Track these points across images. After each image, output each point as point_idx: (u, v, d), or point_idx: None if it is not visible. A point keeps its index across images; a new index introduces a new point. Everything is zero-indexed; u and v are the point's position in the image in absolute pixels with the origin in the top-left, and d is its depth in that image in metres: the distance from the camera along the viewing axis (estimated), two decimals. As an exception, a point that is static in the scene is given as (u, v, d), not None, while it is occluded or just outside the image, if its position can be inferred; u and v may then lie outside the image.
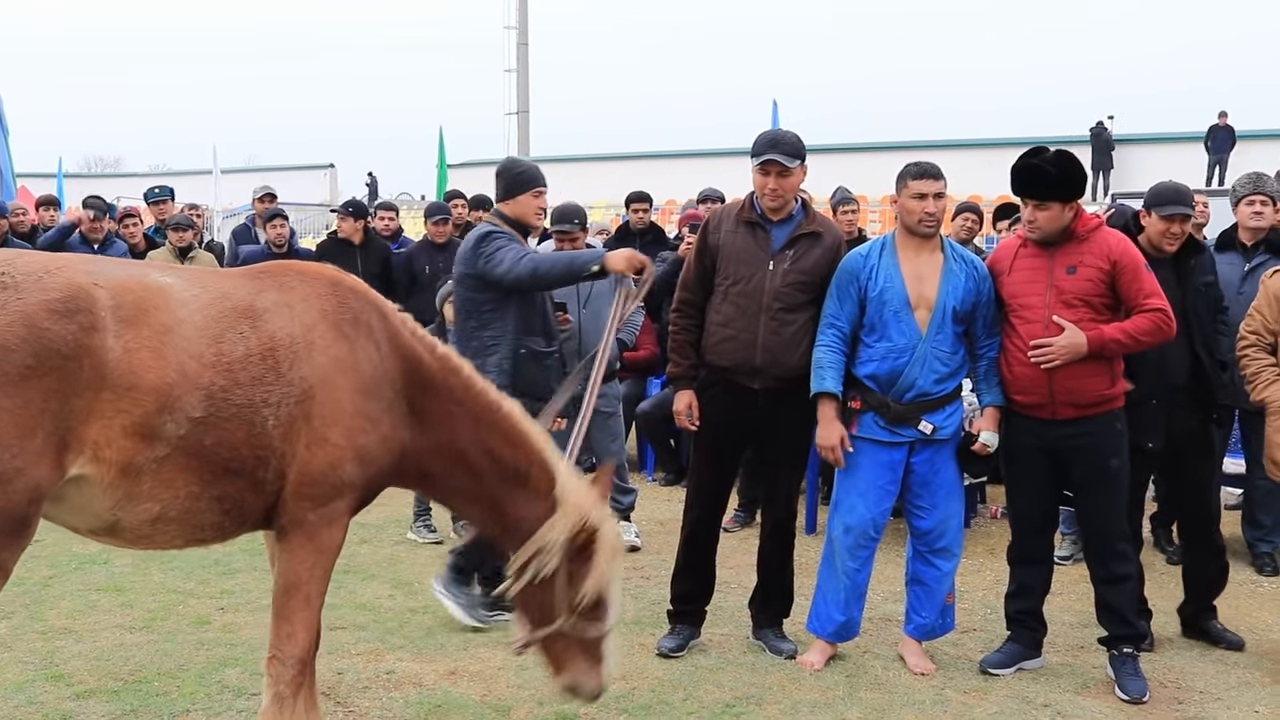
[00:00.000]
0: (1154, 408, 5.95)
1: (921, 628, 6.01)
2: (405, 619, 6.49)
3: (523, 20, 54.27)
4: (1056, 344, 5.51)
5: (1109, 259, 5.58)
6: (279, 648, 4.12)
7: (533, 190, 6.33)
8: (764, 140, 5.93)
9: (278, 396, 3.91)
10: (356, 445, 4.07)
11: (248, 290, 4.03)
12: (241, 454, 3.88)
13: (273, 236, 11.60)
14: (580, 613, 4.33)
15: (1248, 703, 5.61)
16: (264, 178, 38.32)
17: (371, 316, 4.22)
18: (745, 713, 5.36)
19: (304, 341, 4.00)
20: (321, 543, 4.11)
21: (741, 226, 5.94)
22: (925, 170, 5.76)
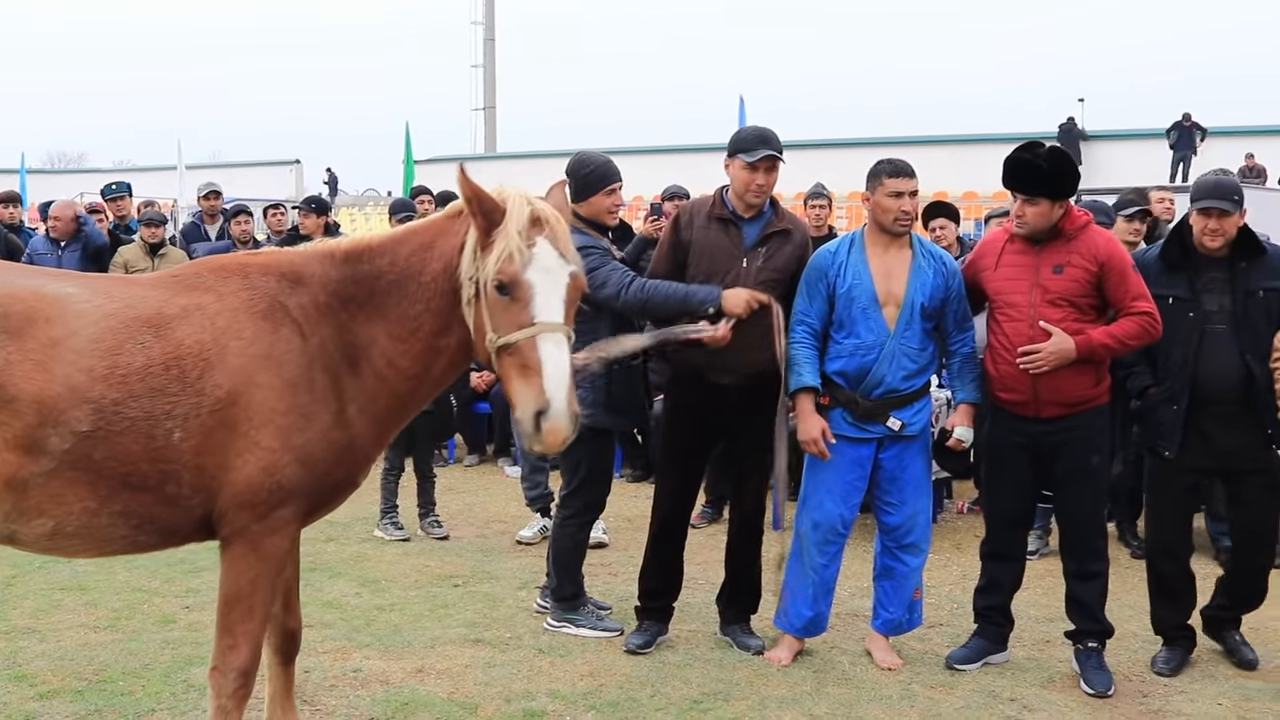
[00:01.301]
0: (1174, 413, 5.79)
1: (889, 623, 6.03)
2: (372, 617, 6.47)
3: (489, 15, 54.20)
4: (1045, 350, 5.51)
5: (1096, 260, 5.58)
6: (221, 659, 3.99)
7: (604, 189, 6.09)
8: (753, 137, 5.91)
9: (185, 408, 3.74)
10: (294, 446, 3.86)
11: (158, 297, 3.88)
12: (141, 468, 3.74)
13: (237, 233, 11.57)
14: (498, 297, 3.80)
15: (1211, 695, 5.65)
16: (229, 173, 38.22)
17: (287, 295, 3.97)
18: (713, 709, 5.36)
19: (217, 346, 3.81)
20: (264, 552, 3.93)
21: (713, 223, 5.92)
22: (900, 169, 5.77)
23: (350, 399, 4.01)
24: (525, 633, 6.30)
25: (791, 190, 22.50)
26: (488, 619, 6.54)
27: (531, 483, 8.47)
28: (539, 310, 3.79)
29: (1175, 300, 5.76)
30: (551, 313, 3.81)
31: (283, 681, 4.56)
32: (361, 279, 4.05)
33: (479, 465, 11.19)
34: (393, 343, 4.04)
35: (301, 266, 4.05)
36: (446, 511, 8.82)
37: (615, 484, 9.68)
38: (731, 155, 5.88)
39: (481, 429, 11.53)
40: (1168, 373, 5.80)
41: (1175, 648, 6.03)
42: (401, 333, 4.04)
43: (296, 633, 4.53)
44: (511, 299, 3.80)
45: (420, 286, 4.03)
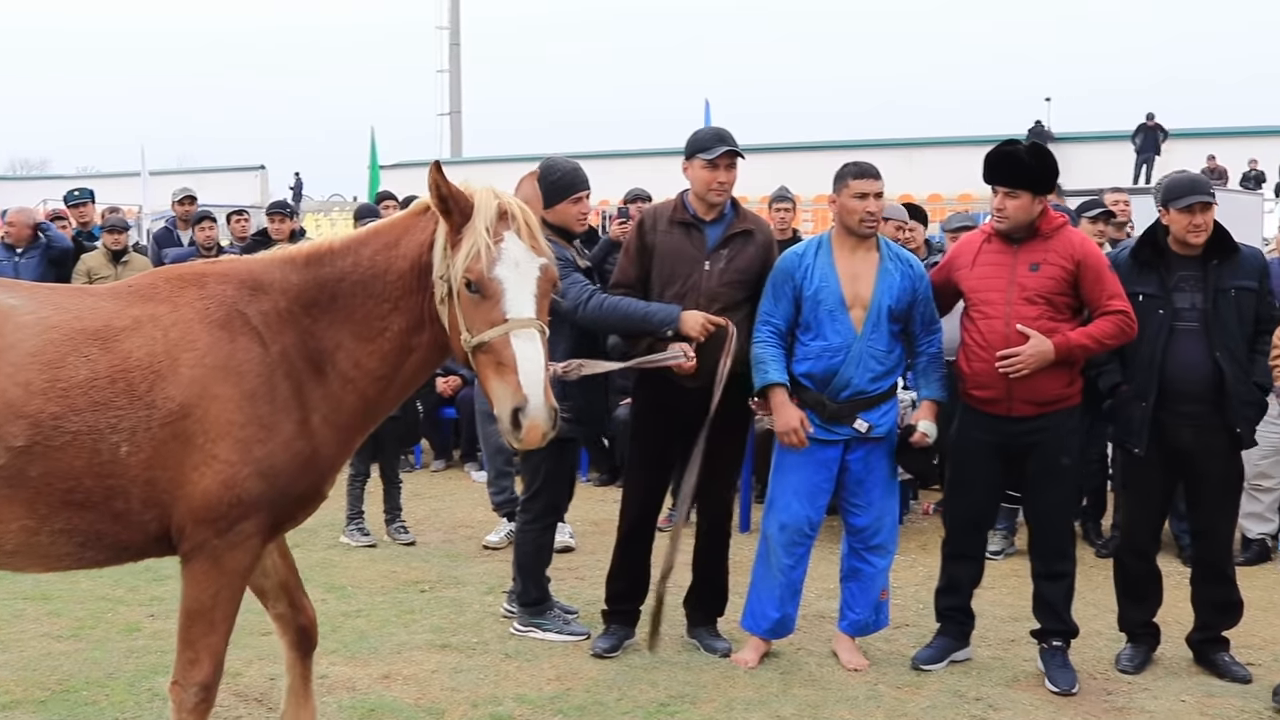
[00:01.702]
0: (1143, 410, 5.78)
1: (856, 624, 6.05)
2: (338, 623, 6.44)
3: (455, 20, 54.10)
4: (1024, 353, 5.53)
5: (1073, 258, 5.62)
6: (182, 674, 3.93)
7: (572, 197, 6.06)
8: (710, 135, 5.92)
9: (132, 421, 3.66)
10: (254, 458, 3.77)
11: (109, 308, 3.80)
12: (84, 484, 3.66)
13: (201, 239, 11.52)
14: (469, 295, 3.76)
15: (1174, 692, 5.69)
16: (194, 179, 37.91)
17: (246, 303, 3.89)
18: (680, 711, 5.36)
19: (169, 357, 3.73)
20: (226, 567, 3.85)
21: (675, 228, 5.92)
22: (865, 170, 5.79)
23: (314, 407, 3.94)
24: (492, 638, 6.29)
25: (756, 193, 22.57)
26: (454, 624, 6.52)
27: (498, 487, 8.45)
28: (510, 306, 3.75)
29: (1145, 298, 5.78)
30: (522, 308, 3.77)
31: (300, 673, 4.53)
32: (324, 282, 3.98)
33: (445, 470, 11.16)
34: (359, 344, 3.98)
35: (261, 273, 3.99)
36: (413, 517, 8.80)
37: (581, 488, 9.70)
38: (690, 157, 5.89)
39: (447, 434, 11.50)
40: (1137, 370, 5.82)
41: (1140, 645, 6.06)
42: (368, 333, 3.98)
43: (309, 627, 4.49)
44: (482, 296, 3.77)
45: (387, 285, 3.97)
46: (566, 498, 6.56)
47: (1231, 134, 35.15)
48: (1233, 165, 30.47)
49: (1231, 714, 5.45)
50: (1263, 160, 31.71)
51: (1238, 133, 35.16)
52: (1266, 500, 8.03)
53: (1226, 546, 6.09)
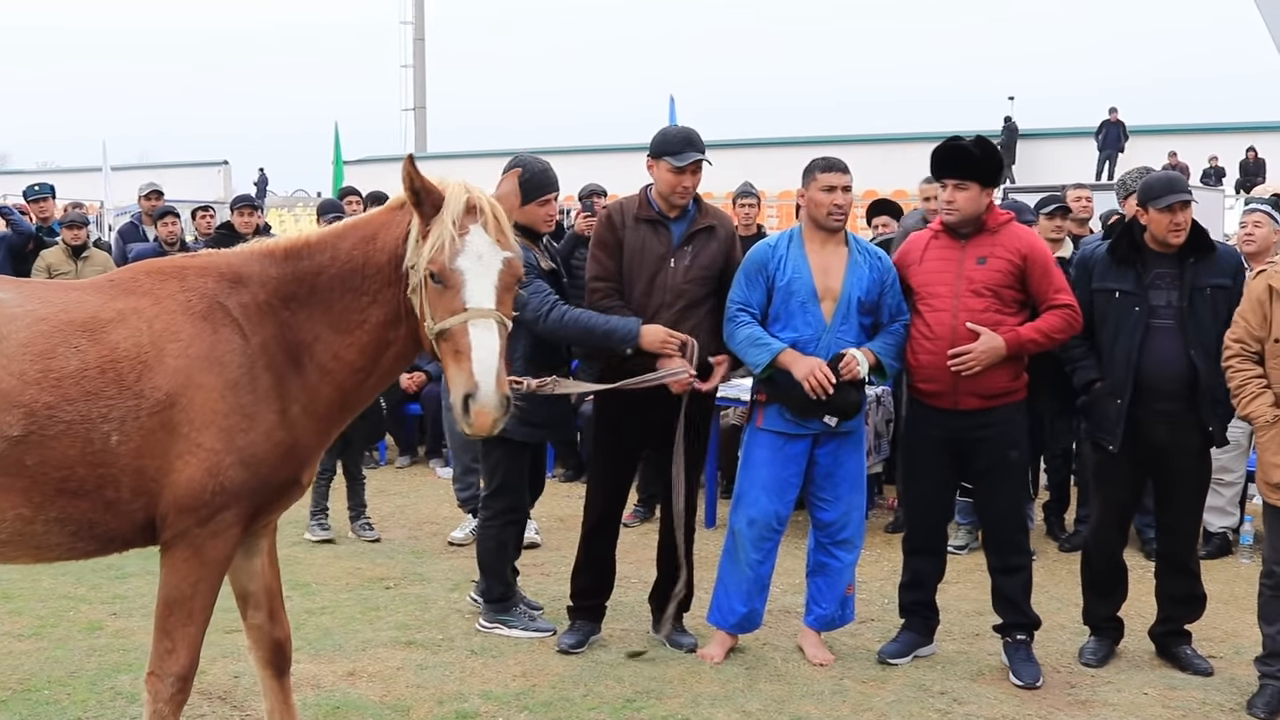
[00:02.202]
0: (1118, 407, 5.80)
1: (822, 619, 6.06)
2: (302, 620, 6.41)
3: (419, 15, 53.89)
4: (975, 350, 5.56)
5: (1019, 253, 5.66)
6: (159, 664, 3.93)
7: (540, 198, 6.01)
8: (680, 139, 5.88)
9: (122, 411, 3.71)
10: (237, 447, 3.82)
11: (94, 301, 3.85)
12: (78, 473, 3.70)
13: (164, 234, 11.44)
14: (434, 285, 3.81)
15: (1137, 685, 5.73)
16: (157, 175, 37.63)
17: (226, 296, 3.94)
18: (646, 707, 5.37)
19: (155, 348, 3.77)
20: (207, 556, 3.87)
21: (641, 225, 5.92)
22: (833, 164, 5.81)
23: (294, 398, 3.97)
24: (457, 634, 6.28)
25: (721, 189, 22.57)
26: (419, 621, 6.51)
27: (463, 484, 8.43)
28: (469, 296, 3.80)
29: (1122, 294, 5.81)
30: (482, 298, 3.81)
31: (279, 695, 4.47)
32: (303, 276, 4.03)
33: (410, 466, 11.12)
34: (338, 336, 4.02)
35: (241, 266, 4.02)
36: (378, 514, 8.77)
37: (548, 483, 9.69)
38: (657, 157, 5.88)
39: (413, 430, 11.46)
40: (1112, 367, 5.83)
41: (1103, 638, 6.10)
42: (347, 325, 4.02)
43: (284, 643, 4.44)
44: (445, 286, 3.81)
45: (365, 279, 4.01)
46: (529, 496, 6.56)
47: (1192, 131, 35.43)
48: (1193, 162, 30.69)
49: (1193, 706, 5.50)
50: (1222, 157, 31.99)
51: (1198, 129, 35.44)
52: (1228, 494, 8.10)
53: (1192, 541, 6.14)
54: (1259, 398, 5.42)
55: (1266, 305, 5.42)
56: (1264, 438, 5.43)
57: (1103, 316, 5.86)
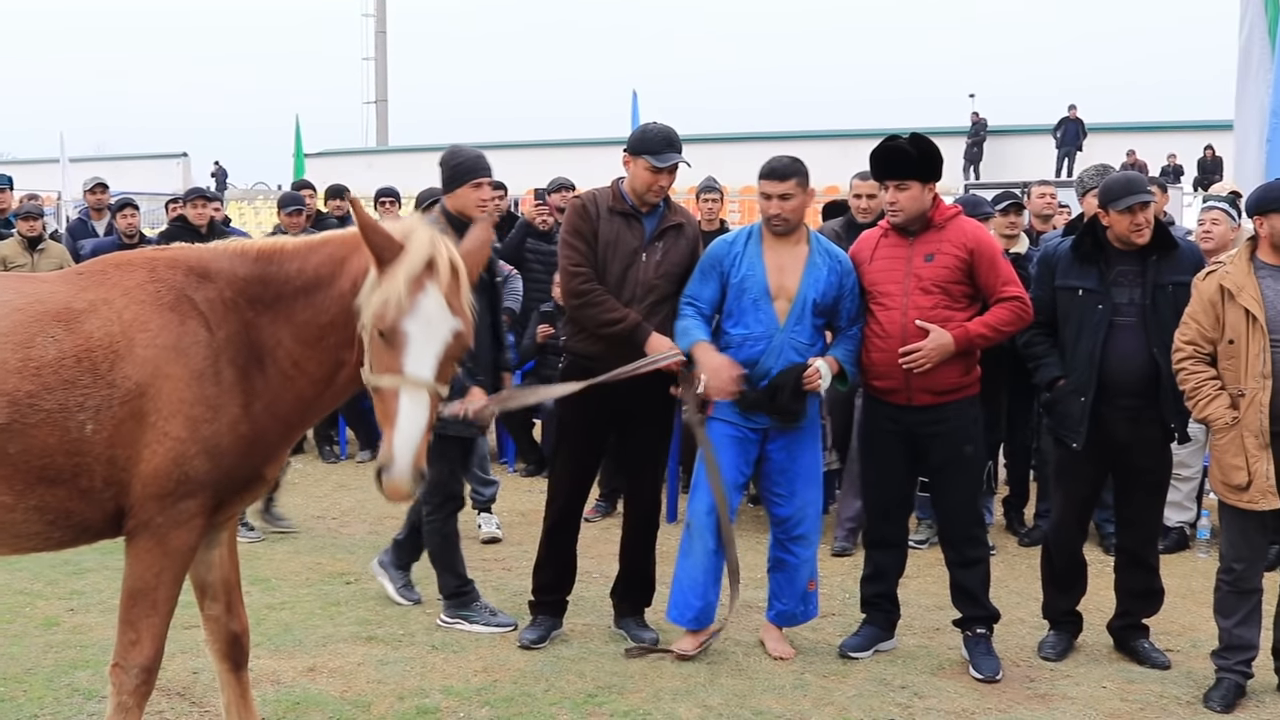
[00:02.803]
0: (1081, 405, 5.82)
1: (783, 614, 6.07)
2: (262, 616, 6.38)
3: (380, 8, 53.75)
4: (925, 347, 5.58)
5: (966, 247, 5.69)
6: (123, 655, 3.92)
7: (472, 181, 5.99)
8: (660, 139, 5.85)
9: (96, 400, 3.73)
10: (202, 437, 3.82)
11: (65, 292, 3.87)
12: (57, 461, 3.72)
13: (123, 226, 11.33)
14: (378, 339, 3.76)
15: (1096, 679, 5.77)
16: (115, 166, 37.46)
17: (193, 289, 3.94)
18: (607, 702, 5.36)
19: (125, 338, 3.79)
20: (170, 546, 3.87)
21: (615, 217, 5.91)
22: (772, 170, 5.80)
23: (257, 395, 3.97)
24: (418, 629, 6.26)
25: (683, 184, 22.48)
26: (380, 616, 6.48)
27: (425, 478, 8.39)
28: (408, 363, 3.73)
29: (1085, 292, 5.84)
30: (421, 368, 3.74)
31: (237, 689, 4.45)
32: (269, 280, 4.01)
33: (371, 461, 11.04)
34: (299, 346, 4.00)
35: (210, 262, 4.02)
36: (338, 508, 8.74)
37: (509, 479, 9.68)
38: (635, 154, 5.87)
39: (374, 425, 11.39)
40: (1076, 365, 5.85)
41: (1062, 632, 6.14)
42: (308, 338, 4.00)
43: (241, 636, 4.43)
44: (387, 343, 3.75)
45: (329, 300, 3.98)
46: (462, 485, 6.62)
47: (1150, 129, 35.71)
48: (1151, 159, 30.94)
49: (1151, 699, 5.54)
50: (1180, 155, 32.26)
51: (1156, 128, 35.72)
52: (1185, 489, 8.16)
53: (1152, 536, 6.18)
54: (1215, 400, 5.44)
55: (1219, 306, 5.44)
56: (1222, 440, 5.44)
57: (1065, 314, 5.88)
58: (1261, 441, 5.33)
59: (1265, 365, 5.31)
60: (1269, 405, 5.31)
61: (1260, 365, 5.31)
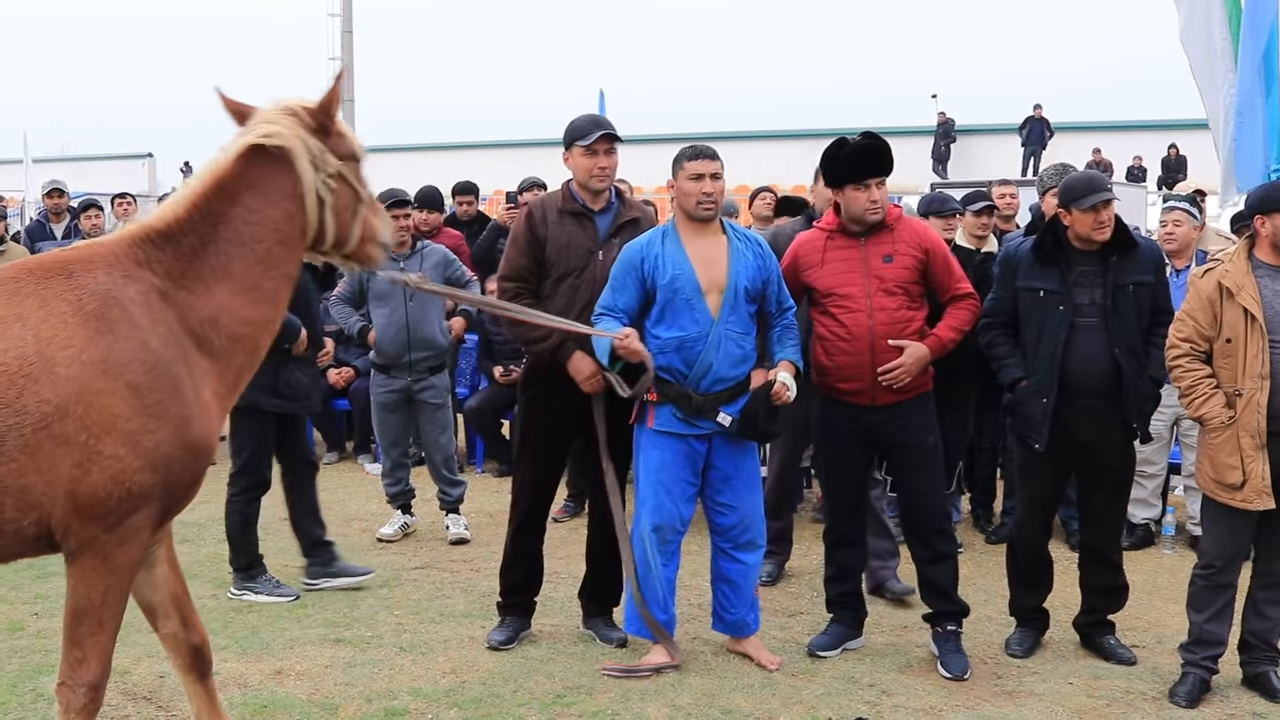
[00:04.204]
0: (1044, 406, 5.82)
1: (732, 625, 5.96)
2: (229, 619, 6.35)
3: (347, 8, 53.48)
4: (905, 363, 5.61)
5: (921, 247, 5.74)
6: (70, 674, 3.80)
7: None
8: (586, 122, 5.89)
9: (13, 421, 3.46)
10: (144, 450, 3.63)
11: None
12: None
13: (88, 227, 11.29)
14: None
15: (1062, 675, 5.80)
16: (79, 167, 37.20)
17: (120, 288, 3.70)
18: (576, 703, 5.36)
19: (42, 359, 3.50)
20: (115, 563, 3.71)
21: (566, 218, 5.89)
22: (701, 151, 5.72)
23: (204, 383, 3.84)
24: (386, 631, 6.24)
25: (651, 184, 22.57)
26: (348, 618, 6.46)
27: (393, 479, 8.39)
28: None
29: (1046, 293, 5.85)
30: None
31: (205, 697, 4.35)
32: (190, 251, 3.89)
33: (339, 463, 11.04)
34: (240, 297, 3.93)
35: (126, 254, 3.81)
36: (306, 510, 8.68)
37: (477, 479, 9.66)
38: (568, 147, 5.89)
39: (341, 427, 11.38)
40: (1038, 366, 5.86)
41: (1029, 629, 6.17)
42: (249, 283, 3.95)
43: (202, 647, 4.31)
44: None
45: (261, 230, 3.96)
46: (269, 471, 6.99)
47: (1115, 128, 35.94)
48: (1117, 158, 31.16)
49: (1117, 695, 5.57)
50: (1145, 155, 32.46)
51: (1121, 127, 35.95)
52: (1150, 486, 8.21)
53: (1115, 534, 6.19)
54: (1211, 399, 5.42)
55: (1217, 304, 5.42)
56: (1217, 438, 5.42)
57: (1027, 315, 5.90)
58: (1258, 442, 5.32)
59: (1264, 365, 5.30)
60: (1266, 405, 5.31)
61: (1259, 365, 5.30)
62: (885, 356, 5.66)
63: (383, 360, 8.27)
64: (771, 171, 24.31)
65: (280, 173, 3.98)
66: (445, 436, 8.37)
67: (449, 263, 8.29)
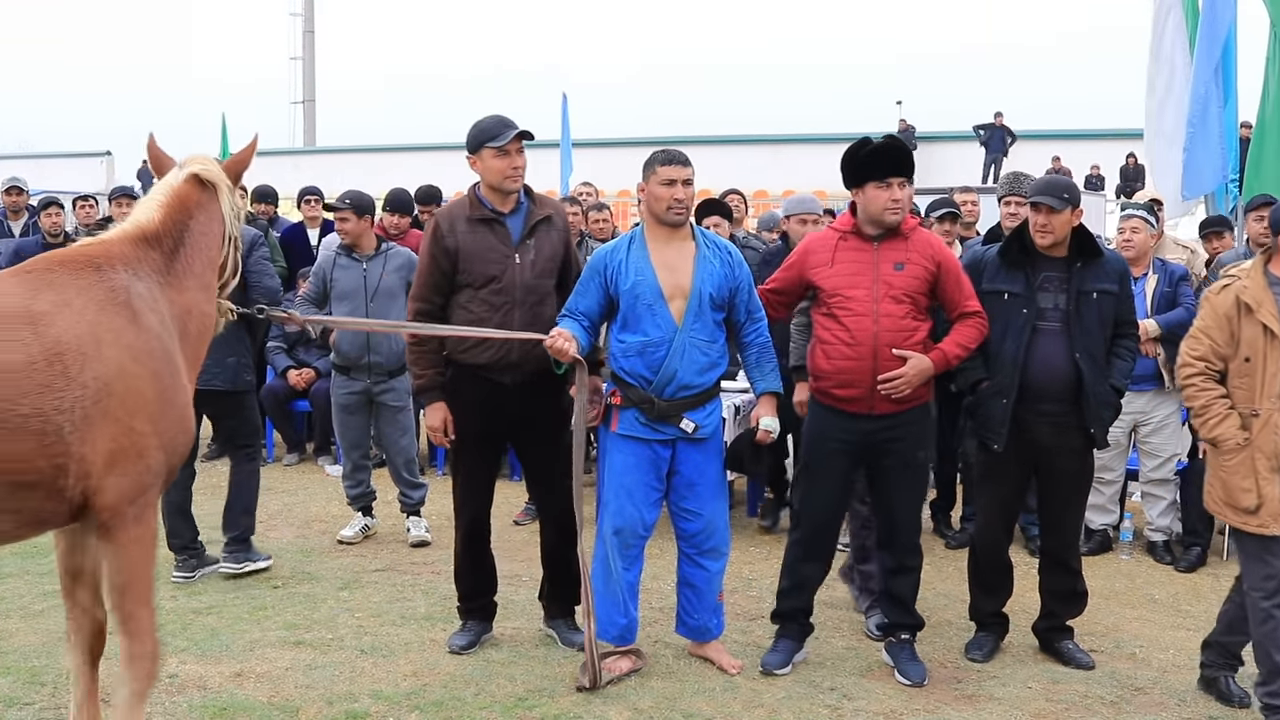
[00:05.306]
0: (1003, 407, 5.85)
1: (695, 630, 5.95)
2: (189, 621, 6.31)
3: (308, 7, 53.27)
4: (907, 374, 5.56)
5: (934, 260, 5.68)
6: (135, 647, 4.09)
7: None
8: (495, 122, 5.77)
9: (70, 401, 3.76)
10: (161, 430, 4.02)
11: (21, 293, 3.84)
12: (36, 465, 3.72)
13: (48, 225, 11.20)
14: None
15: (1021, 679, 5.84)
16: (37, 165, 36.89)
17: (134, 284, 4.11)
18: (538, 705, 5.35)
19: (92, 339, 3.85)
20: (144, 533, 4.06)
21: (477, 226, 5.81)
22: (673, 157, 5.68)
23: (190, 368, 4.28)
24: (347, 633, 6.22)
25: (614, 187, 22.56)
26: (308, 620, 6.43)
27: (353, 481, 8.36)
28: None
29: (1010, 296, 5.87)
30: None
31: (90, 686, 4.40)
32: (172, 253, 4.36)
33: (299, 464, 10.98)
34: (204, 295, 4.46)
35: (130, 254, 4.20)
36: (265, 511, 8.62)
37: (438, 481, 9.62)
38: (476, 150, 5.79)
39: (301, 428, 11.31)
40: (999, 367, 5.88)
41: (989, 634, 6.20)
42: (207, 284, 4.50)
43: (104, 625, 4.39)
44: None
45: (211, 237, 4.55)
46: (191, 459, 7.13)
47: (1075, 136, 36.20)
48: (1076, 166, 31.37)
49: (1075, 699, 5.61)
50: (1104, 163, 32.70)
51: (1080, 135, 36.21)
52: (1108, 492, 8.27)
53: (1074, 539, 6.24)
54: (1226, 420, 5.27)
55: (1235, 321, 5.30)
56: (1231, 461, 5.29)
57: (992, 317, 5.89)
58: (1274, 464, 5.19)
59: None
60: None
61: (1278, 385, 5.18)
62: (887, 364, 5.60)
63: (343, 362, 8.24)
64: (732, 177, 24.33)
65: (213, 201, 4.61)
66: (406, 439, 8.35)
67: (413, 266, 8.25)
